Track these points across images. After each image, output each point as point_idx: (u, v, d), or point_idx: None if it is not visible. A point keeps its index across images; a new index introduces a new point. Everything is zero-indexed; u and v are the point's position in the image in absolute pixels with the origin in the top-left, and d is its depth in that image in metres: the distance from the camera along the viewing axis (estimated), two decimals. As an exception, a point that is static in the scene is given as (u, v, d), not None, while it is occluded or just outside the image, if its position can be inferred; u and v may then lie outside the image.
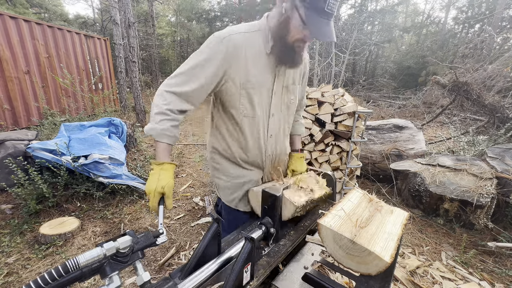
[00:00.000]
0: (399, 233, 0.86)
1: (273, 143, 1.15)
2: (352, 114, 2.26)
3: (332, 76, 8.46)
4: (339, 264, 0.86)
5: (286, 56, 0.98)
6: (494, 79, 5.74)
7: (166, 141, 0.92)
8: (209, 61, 0.94)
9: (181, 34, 17.60)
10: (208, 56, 0.94)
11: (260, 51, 0.99)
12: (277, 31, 0.95)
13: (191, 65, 0.94)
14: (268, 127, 1.10)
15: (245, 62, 0.97)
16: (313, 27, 0.88)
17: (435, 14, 17.39)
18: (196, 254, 0.75)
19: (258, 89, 1.02)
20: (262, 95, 1.04)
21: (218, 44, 0.93)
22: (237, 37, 0.95)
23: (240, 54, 0.96)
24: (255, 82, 1.01)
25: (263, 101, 1.05)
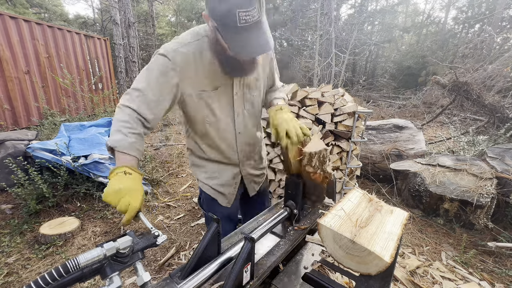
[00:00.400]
0: (399, 233, 0.86)
1: (242, 139, 1.17)
2: (352, 114, 2.26)
3: (332, 76, 8.46)
4: (339, 264, 0.87)
5: (233, 69, 0.94)
6: (494, 79, 5.74)
7: (135, 154, 0.85)
8: (160, 80, 0.91)
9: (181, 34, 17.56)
10: (156, 76, 0.91)
11: (209, 58, 0.96)
12: (215, 48, 0.91)
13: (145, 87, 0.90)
14: (235, 126, 1.12)
15: (195, 73, 0.95)
16: (235, 46, 0.82)
17: (435, 14, 17.40)
18: (196, 254, 0.75)
19: (215, 96, 1.01)
20: (222, 100, 1.04)
21: (165, 60, 0.91)
22: (183, 50, 0.93)
23: (189, 66, 0.94)
24: (211, 90, 1.00)
25: (224, 106, 1.05)
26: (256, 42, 0.81)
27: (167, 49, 0.92)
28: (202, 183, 1.25)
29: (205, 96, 1.00)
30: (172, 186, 3.33)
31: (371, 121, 4.00)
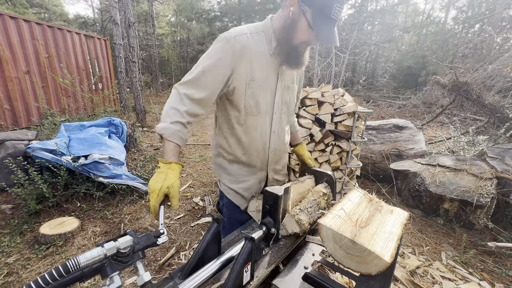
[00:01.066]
0: (399, 233, 0.87)
1: (276, 139, 1.19)
2: (352, 114, 2.26)
3: (332, 76, 8.46)
4: (339, 264, 0.87)
5: (290, 57, 1.02)
6: (494, 79, 5.74)
7: (177, 141, 0.93)
8: (218, 63, 0.97)
9: (181, 34, 17.59)
10: (216, 59, 0.97)
11: (263, 52, 1.03)
12: (282, 33, 1.00)
13: (203, 69, 0.97)
14: (272, 124, 1.15)
15: (250, 62, 1.01)
16: (319, 31, 0.92)
17: (435, 14, 17.39)
18: (196, 254, 0.75)
19: (262, 88, 1.06)
20: (266, 93, 1.08)
21: (225, 45, 0.97)
22: (243, 38, 0.99)
23: (246, 54, 0.99)
24: (260, 81, 1.04)
25: (267, 100, 1.09)
26: (332, 35, 0.92)
27: (227, 36, 0.98)
28: (225, 186, 1.24)
29: (253, 86, 1.04)
30: (172, 186, 3.33)
31: (371, 121, 4.00)
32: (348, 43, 8.74)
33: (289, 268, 0.90)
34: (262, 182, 1.26)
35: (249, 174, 1.21)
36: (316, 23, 0.91)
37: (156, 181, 0.83)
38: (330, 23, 0.91)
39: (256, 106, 1.07)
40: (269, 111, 1.12)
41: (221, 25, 16.44)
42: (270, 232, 0.94)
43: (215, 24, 16.53)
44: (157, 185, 0.82)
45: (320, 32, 0.92)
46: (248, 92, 1.04)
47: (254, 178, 1.22)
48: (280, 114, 1.16)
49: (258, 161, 1.20)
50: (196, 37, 16.82)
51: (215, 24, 16.55)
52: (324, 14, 0.89)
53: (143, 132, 5.33)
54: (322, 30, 0.92)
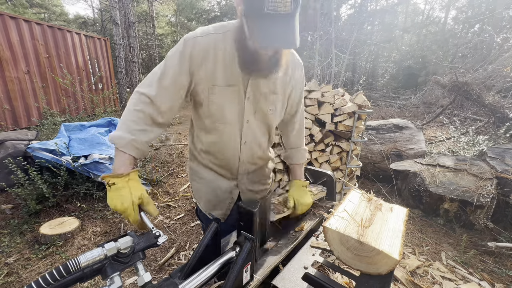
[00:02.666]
0: (402, 229, 0.87)
1: (247, 150, 1.07)
2: (352, 114, 2.26)
3: (332, 76, 8.46)
4: (346, 267, 0.86)
5: (249, 64, 0.87)
6: (494, 79, 5.74)
7: (133, 154, 0.83)
8: (177, 67, 0.89)
9: (181, 34, 17.58)
10: (175, 62, 0.89)
11: (229, 54, 0.91)
12: (236, 37, 0.86)
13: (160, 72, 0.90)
14: (242, 133, 1.03)
15: (212, 65, 0.91)
16: (255, 32, 0.74)
17: (435, 14, 17.39)
18: (196, 254, 0.75)
19: (227, 94, 0.95)
20: (234, 100, 0.96)
21: (183, 48, 0.89)
22: (204, 40, 0.89)
23: (206, 57, 0.89)
24: (224, 86, 0.93)
25: (234, 107, 0.97)
26: (279, 35, 0.73)
27: (187, 36, 0.90)
28: (196, 195, 1.20)
29: (216, 91, 0.93)
30: (172, 186, 3.33)
31: (371, 121, 4.00)
32: (348, 43, 8.74)
33: (289, 268, 0.90)
34: (233, 192, 1.17)
35: (220, 183, 1.14)
36: (249, 21, 0.76)
37: (122, 199, 0.74)
38: (267, 20, 0.71)
39: (221, 114, 0.97)
40: (239, 120, 1.00)
41: (221, 25, 16.43)
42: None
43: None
44: (126, 202, 0.74)
45: (252, 33, 0.75)
46: (212, 99, 0.94)
47: (225, 187, 1.15)
48: (253, 123, 1.03)
49: (228, 170, 1.12)
50: (196, 37, 16.80)
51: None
52: (255, 9, 0.72)
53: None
54: (255, 29, 0.74)
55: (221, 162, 1.10)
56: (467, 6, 13.71)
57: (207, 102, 0.95)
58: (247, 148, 1.07)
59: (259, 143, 1.10)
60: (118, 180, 0.76)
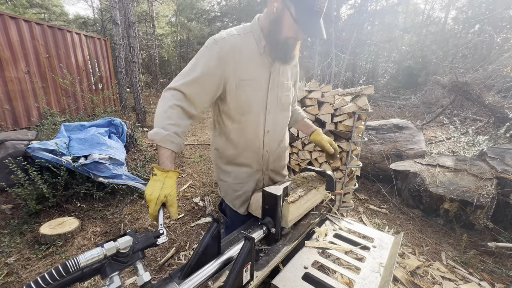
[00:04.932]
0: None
1: (270, 139, 1.17)
2: (352, 114, 2.26)
3: (332, 76, 8.45)
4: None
5: (279, 53, 1.02)
6: (494, 79, 5.75)
7: (170, 147, 0.90)
8: (207, 66, 0.97)
9: (181, 34, 17.59)
10: (205, 62, 0.97)
11: (253, 52, 1.03)
12: (269, 30, 1.01)
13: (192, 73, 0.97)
14: (265, 123, 1.13)
15: (240, 62, 1.01)
16: (304, 25, 0.92)
17: (435, 14, 17.39)
18: (196, 254, 0.75)
19: (253, 87, 1.05)
20: (258, 92, 1.07)
21: (213, 47, 0.98)
22: (231, 39, 1.00)
23: (234, 55, 0.99)
24: (250, 80, 1.04)
25: (259, 99, 1.08)
26: (318, 28, 0.93)
27: (216, 38, 0.99)
28: (223, 192, 1.24)
29: (243, 85, 1.03)
30: (172, 186, 3.33)
31: (371, 121, 4.00)
32: (348, 43, 8.74)
33: (289, 268, 0.89)
34: (259, 185, 1.24)
35: (246, 176, 1.19)
36: (300, 17, 0.92)
37: (153, 190, 0.80)
38: (314, 16, 0.92)
39: (248, 105, 1.07)
40: (262, 110, 1.11)
41: (221, 25, 16.45)
42: (270, 232, 0.94)
43: (215, 24, 16.55)
44: (154, 194, 0.79)
45: (305, 26, 0.93)
46: (239, 92, 1.04)
47: (251, 181, 1.20)
48: (274, 112, 1.14)
49: (253, 162, 1.18)
50: (196, 37, 16.83)
51: (215, 24, 16.57)
52: (307, 8, 0.90)
53: (143, 132, 5.33)
54: (307, 24, 0.92)
55: (247, 155, 1.16)
56: (467, 6, 13.71)
57: (234, 96, 1.04)
58: (269, 137, 1.16)
59: (280, 131, 1.20)
60: (159, 173, 0.84)
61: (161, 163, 0.89)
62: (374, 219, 2.71)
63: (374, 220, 2.70)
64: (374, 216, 2.79)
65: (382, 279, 0.84)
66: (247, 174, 1.19)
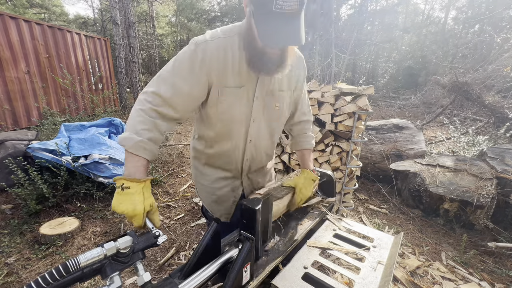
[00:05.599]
0: None
1: (252, 148, 1.09)
2: (352, 114, 2.26)
3: (332, 76, 8.45)
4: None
5: (258, 64, 0.89)
6: (494, 79, 5.75)
7: (143, 155, 0.81)
8: (188, 69, 0.89)
9: (181, 34, 17.60)
10: (186, 64, 0.89)
11: (237, 57, 0.93)
12: (245, 38, 0.90)
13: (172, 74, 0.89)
14: (248, 132, 1.05)
15: (223, 67, 0.92)
16: (260, 31, 0.77)
17: (435, 14, 17.41)
18: (196, 254, 0.75)
19: (237, 95, 0.97)
20: (242, 100, 0.98)
21: (195, 50, 0.89)
22: (214, 43, 0.90)
23: (217, 59, 0.91)
24: (235, 88, 0.96)
25: (243, 106, 0.99)
26: (285, 32, 0.75)
27: (198, 41, 0.90)
28: (201, 194, 1.22)
29: (226, 93, 0.95)
30: (172, 186, 3.33)
31: (371, 121, 4.00)
32: (348, 43, 8.74)
33: (289, 268, 0.89)
34: (236, 191, 1.18)
35: (222, 180, 1.15)
36: (257, 20, 0.77)
37: (135, 204, 0.73)
38: (274, 18, 0.73)
39: (230, 114, 0.99)
40: (245, 119, 1.02)
41: (221, 25, 16.38)
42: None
43: (215, 24, 16.55)
44: (138, 208, 0.73)
45: (262, 32, 0.77)
46: (221, 99, 0.96)
47: (227, 186, 1.16)
48: (259, 122, 1.05)
49: (231, 168, 1.13)
50: (196, 37, 16.82)
51: (215, 24, 16.57)
52: (263, 8, 0.73)
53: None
54: (264, 29, 0.76)
55: (226, 160, 1.11)
56: (467, 6, 13.72)
57: (215, 102, 0.96)
58: (252, 147, 1.09)
59: (264, 141, 1.12)
60: (134, 185, 0.75)
61: (132, 172, 0.79)
62: (374, 219, 2.71)
63: (374, 220, 2.70)
64: (374, 216, 2.79)
65: (382, 279, 0.84)
66: (223, 178, 1.16)
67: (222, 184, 1.16)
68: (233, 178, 1.17)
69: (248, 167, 1.15)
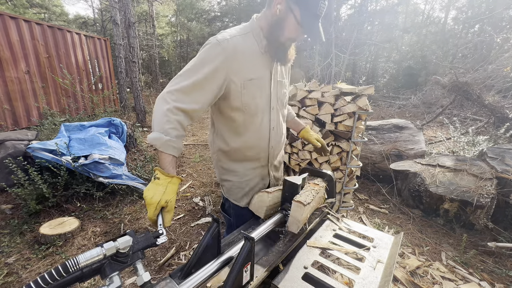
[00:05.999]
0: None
1: (275, 135, 1.20)
2: (352, 114, 2.26)
3: (332, 76, 8.45)
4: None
5: (279, 53, 1.06)
6: (494, 79, 5.75)
7: (172, 153, 0.91)
8: (210, 67, 0.95)
9: (181, 34, 17.59)
10: (208, 63, 0.95)
11: (254, 51, 1.05)
12: (270, 31, 1.03)
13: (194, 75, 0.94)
14: (270, 120, 1.15)
15: (243, 62, 1.02)
16: (306, 28, 0.98)
17: (435, 14, 17.40)
18: (196, 254, 0.75)
19: (258, 86, 1.07)
20: (263, 90, 1.09)
21: (216, 48, 0.96)
22: (233, 40, 0.99)
23: (238, 55, 0.99)
24: (255, 79, 1.05)
25: (263, 97, 1.10)
26: (318, 31, 0.98)
27: (219, 39, 0.97)
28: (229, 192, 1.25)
29: (249, 85, 1.04)
30: (172, 186, 3.33)
31: (371, 121, 4.00)
32: (348, 43, 8.74)
33: (289, 268, 0.89)
34: (265, 179, 1.26)
35: (251, 171, 1.21)
36: (304, 20, 0.95)
37: (155, 194, 0.79)
38: (316, 20, 0.96)
39: (254, 104, 1.08)
40: (267, 108, 1.13)
41: (221, 25, 16.44)
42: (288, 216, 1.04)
43: (215, 24, 16.54)
44: (155, 198, 0.79)
45: (308, 29, 0.98)
46: (244, 92, 1.04)
47: (257, 176, 1.23)
48: (277, 109, 1.18)
49: (261, 158, 1.20)
50: (196, 37, 16.83)
51: (215, 24, 16.56)
52: (311, 11, 0.94)
53: (143, 132, 5.33)
54: (310, 27, 0.97)
55: (254, 151, 1.17)
56: (467, 6, 13.71)
57: (239, 95, 1.04)
58: (274, 134, 1.19)
59: (280, 127, 1.23)
60: (163, 177, 0.84)
61: (163, 167, 0.89)
62: (374, 219, 2.71)
63: (374, 220, 2.70)
64: (374, 216, 2.79)
65: (382, 279, 0.84)
66: (253, 169, 1.21)
67: (252, 175, 1.22)
68: (261, 167, 1.24)
69: (273, 154, 1.24)
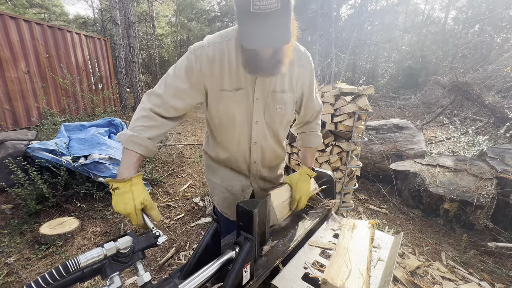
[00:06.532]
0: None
1: (258, 150, 1.10)
2: (352, 114, 2.26)
3: (332, 76, 8.45)
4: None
5: (252, 65, 0.86)
6: (494, 79, 5.75)
7: (136, 150, 0.82)
8: (183, 76, 0.92)
9: (181, 34, 17.60)
10: (184, 70, 0.92)
11: (235, 60, 0.93)
12: (238, 40, 0.89)
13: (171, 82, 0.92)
14: (252, 134, 1.05)
15: (220, 71, 0.94)
16: (242, 33, 0.74)
17: (435, 14, 17.41)
18: (196, 254, 0.75)
19: (236, 97, 0.98)
20: (242, 102, 0.99)
21: (190, 57, 0.93)
22: (210, 49, 0.92)
23: (213, 64, 0.93)
24: (233, 90, 0.97)
25: (243, 108, 1.00)
26: (265, 33, 0.71)
27: (195, 47, 0.94)
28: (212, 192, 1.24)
29: (225, 96, 0.97)
30: (172, 186, 3.33)
31: (371, 121, 4.00)
32: (348, 43, 8.74)
33: (289, 268, 0.89)
34: (246, 190, 1.19)
35: (233, 177, 1.17)
36: (239, 21, 0.75)
37: (125, 203, 0.74)
38: (254, 19, 0.70)
39: (230, 116, 1.00)
40: (247, 121, 1.03)
41: (221, 25, 16.45)
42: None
43: (215, 24, 16.55)
44: (129, 205, 0.74)
45: (241, 32, 0.75)
46: (220, 103, 0.98)
47: (237, 185, 1.18)
48: (263, 124, 1.05)
49: (241, 170, 1.16)
50: (196, 37, 16.83)
51: (215, 24, 16.57)
52: (242, 10, 0.71)
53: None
54: (243, 29, 0.74)
55: (232, 161, 1.14)
56: (467, 6, 13.71)
57: (216, 105, 0.99)
58: (257, 149, 1.10)
59: (270, 143, 1.12)
60: (121, 185, 0.76)
61: (120, 172, 0.80)
62: (374, 219, 2.71)
63: (374, 220, 2.70)
64: (374, 216, 2.79)
65: (382, 279, 0.84)
66: (233, 176, 1.18)
67: (233, 182, 1.17)
68: (245, 177, 1.18)
69: (256, 169, 1.16)
